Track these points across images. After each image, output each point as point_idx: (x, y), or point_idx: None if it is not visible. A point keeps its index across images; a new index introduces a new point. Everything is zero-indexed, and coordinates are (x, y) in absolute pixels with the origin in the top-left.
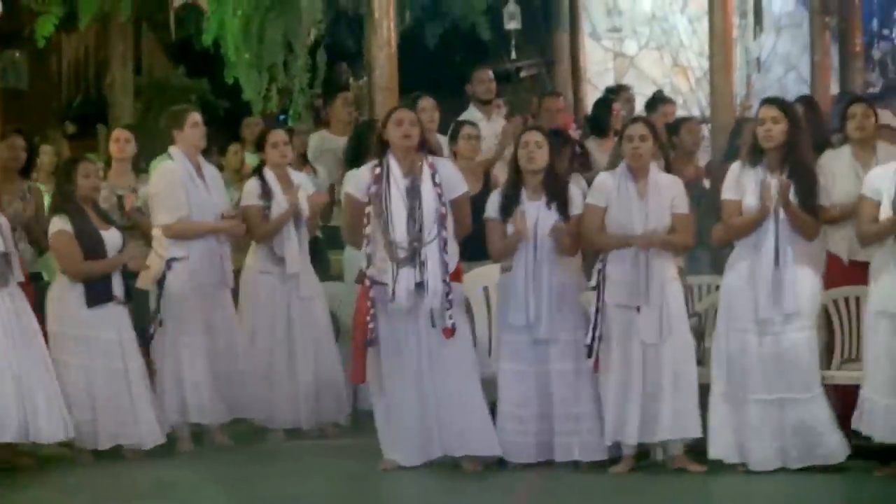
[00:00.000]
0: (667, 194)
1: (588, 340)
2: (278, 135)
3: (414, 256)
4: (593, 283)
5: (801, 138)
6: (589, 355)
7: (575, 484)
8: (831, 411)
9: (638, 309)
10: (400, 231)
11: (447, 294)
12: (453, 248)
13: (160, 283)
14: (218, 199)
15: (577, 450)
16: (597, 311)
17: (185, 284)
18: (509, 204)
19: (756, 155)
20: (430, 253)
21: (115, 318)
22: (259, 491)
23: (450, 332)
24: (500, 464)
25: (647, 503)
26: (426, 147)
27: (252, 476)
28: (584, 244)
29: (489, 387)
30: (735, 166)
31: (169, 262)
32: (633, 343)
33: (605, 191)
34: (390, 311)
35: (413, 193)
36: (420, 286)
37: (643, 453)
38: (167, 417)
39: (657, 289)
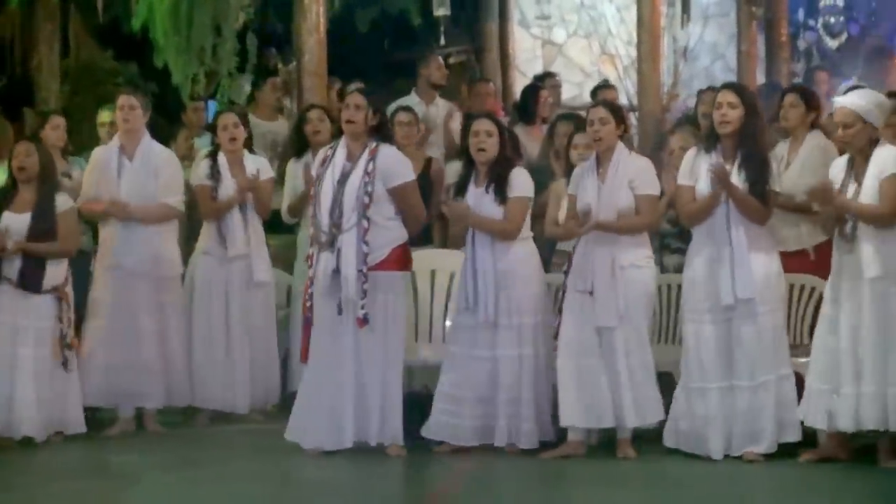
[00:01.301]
0: (624, 174)
1: (555, 323)
2: (228, 118)
3: (333, 242)
4: (565, 267)
5: (756, 124)
6: (555, 337)
7: (506, 469)
8: (786, 396)
9: (591, 293)
10: (324, 215)
11: (363, 283)
12: (386, 237)
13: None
14: (138, 184)
15: (516, 435)
16: (562, 295)
17: (108, 268)
18: (459, 191)
19: (711, 140)
20: (347, 240)
21: (10, 303)
22: (189, 473)
23: (361, 321)
24: (426, 448)
25: (577, 489)
26: (380, 133)
27: (179, 459)
28: (545, 233)
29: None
30: (690, 152)
31: (95, 247)
32: (585, 328)
33: (576, 178)
34: (321, 294)
35: (343, 180)
36: (336, 273)
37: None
38: (98, 400)
39: (605, 273)
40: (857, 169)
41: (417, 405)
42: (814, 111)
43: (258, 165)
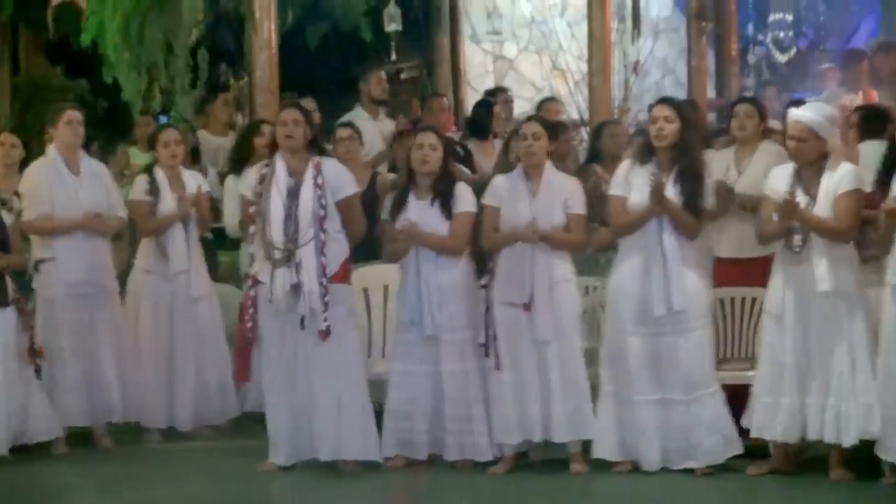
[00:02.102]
0: (560, 193)
1: (482, 340)
2: (169, 134)
3: (290, 258)
4: (484, 281)
5: (692, 138)
6: (486, 354)
7: (455, 485)
8: (720, 412)
9: (524, 307)
10: (276, 231)
11: (324, 296)
12: (337, 250)
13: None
14: (95, 197)
15: (467, 450)
16: (486, 309)
17: (54, 286)
18: (398, 205)
19: (646, 153)
20: (306, 255)
21: None
22: (128, 493)
23: (324, 334)
24: (375, 463)
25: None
26: (316, 147)
27: (125, 477)
28: (483, 244)
29: (383, 388)
30: (625, 163)
31: (36, 264)
32: (521, 342)
33: (499, 192)
34: (270, 311)
35: (293, 194)
36: (296, 287)
37: (522, 454)
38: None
39: (544, 287)
40: (806, 182)
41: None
42: (763, 121)
43: (195, 180)
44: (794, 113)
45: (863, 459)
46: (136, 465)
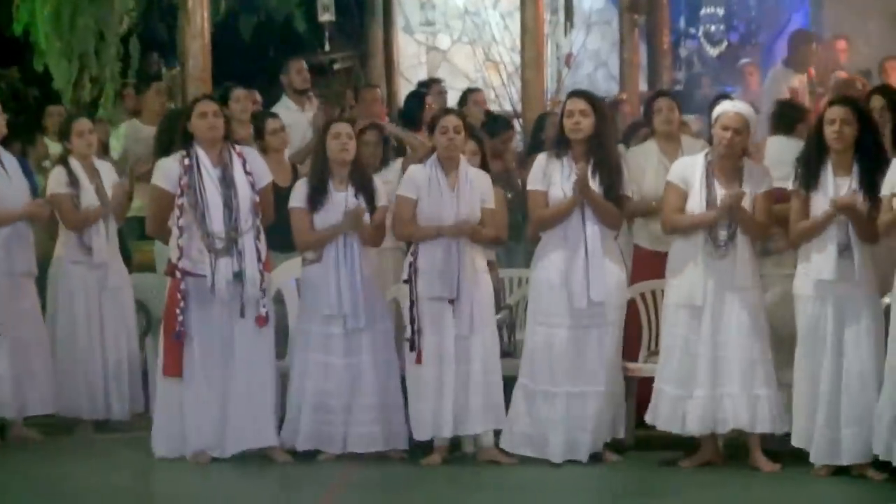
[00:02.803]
0: (477, 187)
1: (408, 334)
2: (83, 124)
3: (231, 246)
4: (405, 276)
5: (607, 131)
6: (412, 348)
7: (388, 475)
8: (625, 403)
9: (451, 301)
10: (217, 221)
11: (262, 283)
12: (263, 238)
13: None
14: (19, 187)
15: (382, 441)
16: (411, 304)
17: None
18: (316, 194)
19: (562, 146)
20: (247, 242)
21: None
22: (62, 484)
23: (263, 320)
24: (310, 454)
25: (458, 494)
26: (231, 137)
27: (56, 470)
28: (396, 235)
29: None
30: (541, 157)
31: None
32: (446, 335)
33: (416, 183)
34: (203, 303)
35: (227, 183)
36: (238, 276)
37: (455, 445)
38: None
39: (469, 280)
40: (724, 176)
41: None
42: (680, 115)
43: (105, 169)
44: (734, 104)
45: (792, 450)
46: (64, 459)
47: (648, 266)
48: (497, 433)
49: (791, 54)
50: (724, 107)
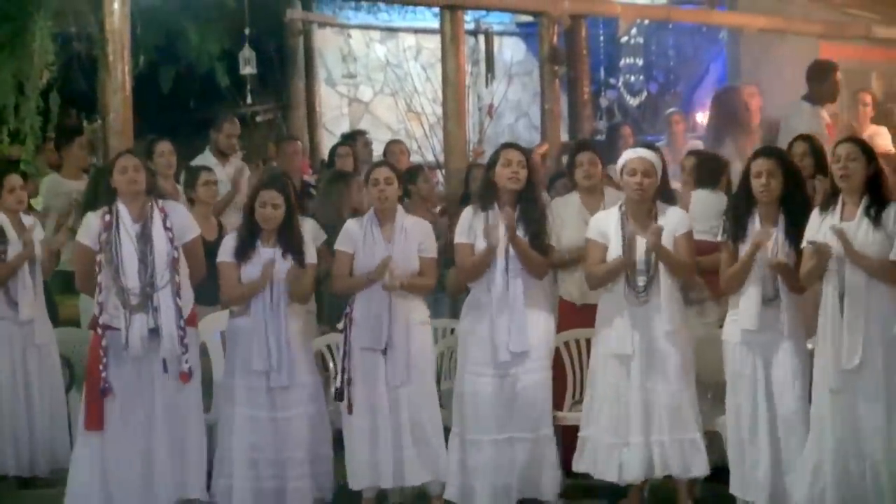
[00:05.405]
0: (414, 238)
1: (338, 384)
2: (14, 179)
3: (146, 302)
4: (341, 325)
5: (536, 181)
6: (339, 398)
7: None
8: (556, 450)
9: (383, 351)
10: (131, 277)
11: (182, 339)
12: (188, 293)
13: None
14: None
15: (312, 494)
16: (344, 354)
17: None
18: (244, 248)
19: (488, 199)
20: (164, 298)
21: None
22: None
23: (186, 376)
24: None
25: None
26: (155, 191)
27: None
28: (334, 289)
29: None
30: (468, 210)
31: None
32: (378, 386)
33: (352, 237)
34: (123, 358)
35: (144, 239)
36: (154, 332)
37: (381, 495)
38: None
39: (402, 331)
40: (637, 222)
41: None
42: (603, 166)
43: (31, 223)
44: (636, 151)
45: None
46: None
47: (574, 319)
48: None
49: (814, 87)
50: (627, 154)
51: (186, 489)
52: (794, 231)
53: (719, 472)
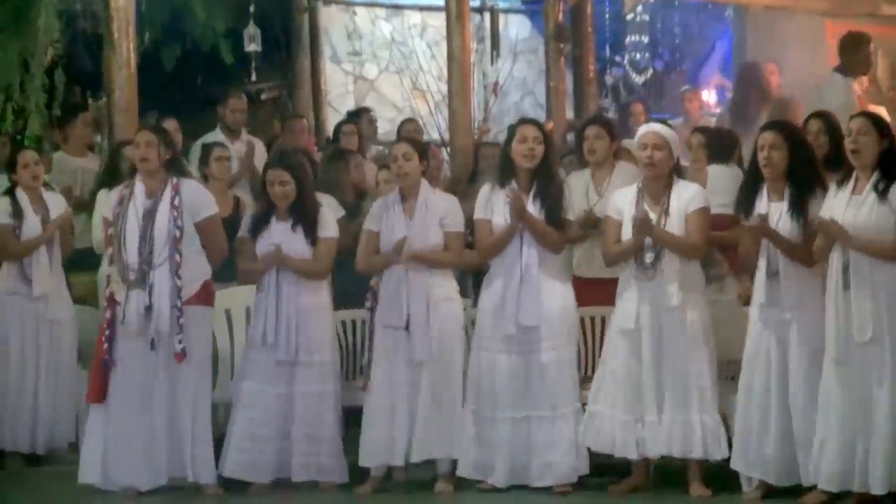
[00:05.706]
0: (435, 213)
1: (364, 361)
2: (29, 155)
3: (144, 279)
4: (369, 304)
5: (551, 156)
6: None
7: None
8: (576, 429)
9: (406, 328)
10: (132, 252)
11: (178, 318)
12: (195, 272)
13: None
14: None
15: (315, 471)
16: (371, 331)
17: None
18: (259, 225)
19: (506, 175)
20: (160, 276)
21: None
22: None
23: (180, 356)
24: (241, 485)
25: None
26: (175, 169)
27: None
28: (358, 268)
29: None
30: (486, 188)
31: None
32: (398, 363)
33: (377, 216)
34: (126, 332)
35: (149, 215)
36: (149, 309)
37: (387, 473)
38: None
39: (422, 307)
40: (653, 200)
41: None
42: (614, 141)
43: (55, 201)
44: (649, 126)
45: (718, 474)
46: None
47: (580, 293)
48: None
49: (847, 59)
50: (640, 129)
51: (186, 470)
52: (800, 205)
53: None
